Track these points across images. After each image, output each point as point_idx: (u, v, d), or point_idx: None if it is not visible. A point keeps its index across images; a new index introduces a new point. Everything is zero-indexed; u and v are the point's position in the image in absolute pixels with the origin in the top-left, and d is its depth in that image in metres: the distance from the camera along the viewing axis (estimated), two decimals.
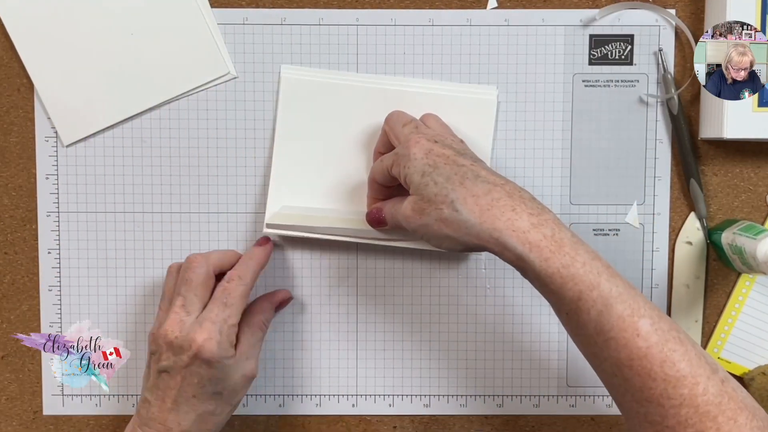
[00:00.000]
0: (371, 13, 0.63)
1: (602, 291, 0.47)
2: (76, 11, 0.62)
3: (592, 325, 0.48)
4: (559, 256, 0.48)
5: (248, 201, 0.64)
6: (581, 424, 0.66)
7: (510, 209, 0.49)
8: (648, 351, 0.46)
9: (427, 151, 0.53)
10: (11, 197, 0.65)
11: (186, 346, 0.54)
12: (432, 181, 0.51)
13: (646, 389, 0.47)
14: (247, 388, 0.58)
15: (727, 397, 0.46)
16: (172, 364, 0.55)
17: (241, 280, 0.57)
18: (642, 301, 0.48)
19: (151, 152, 0.64)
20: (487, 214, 0.49)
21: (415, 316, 0.65)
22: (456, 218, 0.50)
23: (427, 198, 0.52)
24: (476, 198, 0.50)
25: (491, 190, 0.50)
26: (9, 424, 0.66)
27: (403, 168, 0.53)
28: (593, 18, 0.63)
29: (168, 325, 0.55)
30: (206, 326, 0.55)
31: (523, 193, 0.51)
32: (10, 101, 0.64)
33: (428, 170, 0.52)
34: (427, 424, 0.66)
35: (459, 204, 0.50)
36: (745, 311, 0.65)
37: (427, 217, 0.52)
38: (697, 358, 0.47)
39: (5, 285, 0.65)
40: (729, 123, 0.59)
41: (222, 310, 0.56)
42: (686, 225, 0.64)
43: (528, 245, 0.48)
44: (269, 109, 0.64)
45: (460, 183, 0.50)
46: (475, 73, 0.64)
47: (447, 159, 0.52)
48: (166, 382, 0.55)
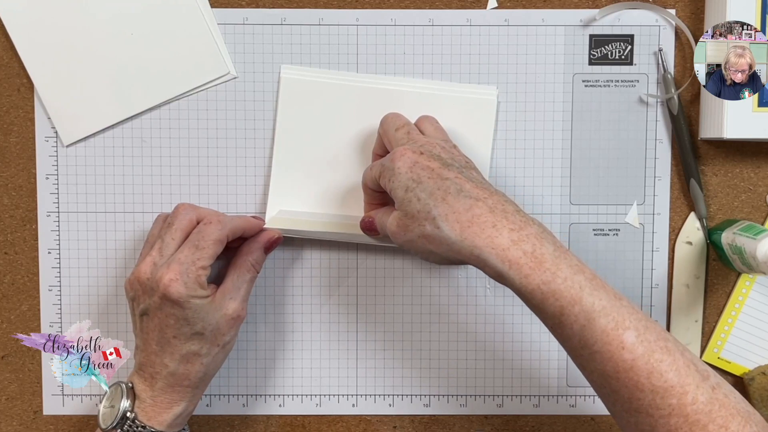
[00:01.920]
0: (371, 13, 0.63)
1: (584, 306, 0.47)
2: (76, 11, 0.62)
3: (576, 338, 0.48)
4: (539, 272, 0.48)
5: (248, 201, 0.64)
6: (581, 424, 0.66)
7: (490, 225, 0.49)
8: (634, 363, 0.47)
9: (411, 164, 0.52)
10: (11, 197, 0.65)
11: (155, 286, 0.55)
12: (415, 197, 0.51)
13: (634, 400, 0.47)
14: (235, 329, 0.58)
15: (717, 405, 0.46)
16: (148, 306, 0.56)
17: (218, 224, 0.57)
18: (627, 313, 0.48)
19: (151, 152, 0.64)
20: (467, 231, 0.49)
21: (415, 316, 0.65)
22: (438, 235, 0.50)
23: (410, 214, 0.52)
24: (457, 214, 0.50)
25: (472, 206, 0.50)
26: (9, 424, 0.66)
27: (388, 181, 0.54)
28: (593, 18, 0.63)
29: (142, 267, 0.56)
30: (173, 267, 0.55)
31: (507, 206, 0.51)
32: (10, 101, 0.64)
33: (412, 185, 0.52)
34: (427, 424, 0.66)
35: (440, 221, 0.50)
36: (745, 311, 0.65)
37: (410, 233, 0.52)
38: (686, 367, 0.47)
39: (5, 285, 0.65)
40: (729, 123, 0.59)
41: (192, 252, 0.56)
42: (686, 225, 0.64)
43: (507, 263, 0.48)
44: (269, 109, 0.64)
45: (442, 199, 0.50)
46: (475, 73, 0.64)
47: (431, 172, 0.52)
48: (146, 324, 0.56)
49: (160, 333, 0.56)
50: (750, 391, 0.64)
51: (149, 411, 0.56)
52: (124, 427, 0.56)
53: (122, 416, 0.55)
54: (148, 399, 0.56)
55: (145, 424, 0.56)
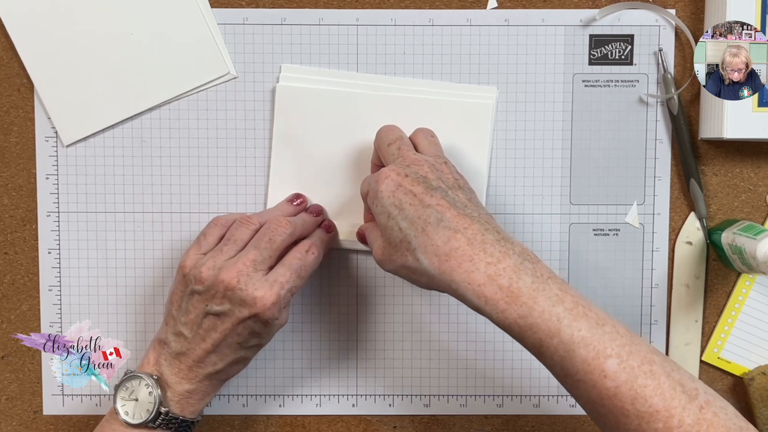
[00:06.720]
0: (371, 13, 0.63)
1: (563, 338, 0.47)
2: (76, 11, 0.62)
3: (557, 368, 0.48)
4: (515, 307, 0.48)
5: (248, 201, 0.64)
6: (581, 424, 0.66)
7: (467, 259, 0.49)
8: (617, 390, 0.46)
9: (395, 187, 0.52)
10: (11, 197, 0.65)
11: (250, 301, 0.54)
12: (397, 226, 0.51)
13: (621, 426, 0.47)
14: None
15: (705, 425, 0.46)
16: (226, 311, 0.55)
17: (319, 257, 0.59)
18: (609, 340, 0.47)
19: (151, 152, 0.64)
20: (445, 265, 0.49)
21: (415, 316, 0.65)
22: (418, 267, 0.50)
23: (393, 244, 0.52)
24: (435, 247, 0.50)
25: (450, 238, 0.49)
26: (9, 424, 0.66)
27: (372, 204, 0.54)
28: (593, 18, 0.63)
29: (231, 272, 0.55)
30: (275, 289, 0.55)
31: (486, 236, 0.50)
32: (10, 101, 0.64)
33: (393, 212, 0.52)
34: (427, 424, 0.66)
35: (420, 253, 0.50)
36: (745, 311, 0.65)
37: (394, 263, 0.52)
38: (671, 389, 0.46)
39: (5, 285, 0.65)
40: (729, 123, 0.59)
41: (294, 278, 0.56)
42: (686, 225, 0.64)
43: (483, 298, 0.48)
44: (269, 109, 0.64)
45: (422, 229, 0.50)
46: (475, 74, 0.64)
47: (413, 198, 0.51)
48: (212, 323, 0.55)
49: (225, 337, 0.55)
50: (750, 391, 0.64)
51: (183, 403, 0.56)
52: (157, 421, 0.55)
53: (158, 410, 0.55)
54: (183, 391, 0.56)
55: (178, 415, 0.56)
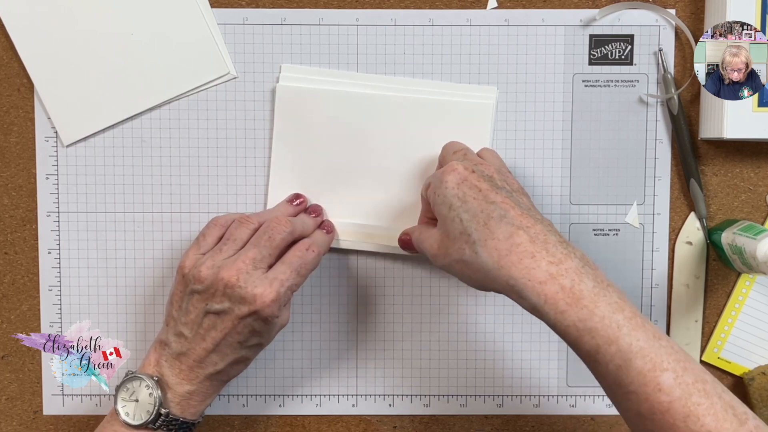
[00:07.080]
0: (371, 13, 0.63)
1: (621, 346, 0.46)
2: (76, 11, 0.62)
3: (611, 377, 0.47)
4: (575, 309, 0.47)
5: (248, 201, 0.64)
6: (581, 424, 0.66)
7: (529, 256, 0.48)
8: (671, 405, 0.45)
9: (460, 180, 0.52)
10: (11, 197, 0.65)
11: (249, 298, 0.54)
12: (458, 218, 0.51)
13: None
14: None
15: None
16: (226, 309, 0.55)
17: (319, 255, 0.59)
18: (665, 354, 0.46)
19: (151, 152, 0.64)
20: (505, 259, 0.48)
21: (415, 316, 0.65)
22: (475, 261, 0.49)
23: (452, 236, 0.51)
24: (496, 241, 0.49)
25: (513, 234, 0.49)
26: (9, 424, 0.66)
27: (433, 194, 0.53)
28: (593, 18, 0.63)
29: (231, 270, 0.55)
30: (275, 287, 0.55)
31: (549, 236, 0.49)
32: (10, 101, 0.64)
33: (456, 203, 0.51)
34: (427, 424, 0.66)
35: (479, 246, 0.49)
36: (745, 311, 0.65)
37: (449, 257, 0.52)
38: (723, 411, 0.45)
39: (5, 285, 0.65)
40: (729, 123, 0.59)
41: (294, 276, 0.56)
42: (686, 225, 0.64)
43: (543, 297, 0.47)
44: (269, 109, 0.64)
45: (484, 223, 0.49)
46: (475, 74, 0.64)
47: (478, 193, 0.51)
48: (213, 322, 0.55)
49: (226, 336, 0.55)
50: (750, 391, 0.64)
51: (184, 404, 0.56)
52: (157, 422, 0.55)
53: (158, 412, 0.55)
54: (184, 392, 0.56)
55: (178, 416, 0.56)
